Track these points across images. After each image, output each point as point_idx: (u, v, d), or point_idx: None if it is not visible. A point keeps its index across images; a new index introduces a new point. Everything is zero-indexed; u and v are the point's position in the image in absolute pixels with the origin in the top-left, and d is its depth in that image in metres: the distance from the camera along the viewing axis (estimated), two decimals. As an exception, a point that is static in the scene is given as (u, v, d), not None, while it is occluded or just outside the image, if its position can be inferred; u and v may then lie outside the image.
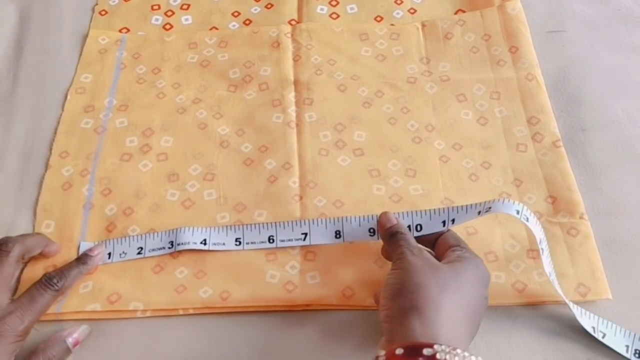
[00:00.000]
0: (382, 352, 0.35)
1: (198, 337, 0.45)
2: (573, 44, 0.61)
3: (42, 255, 0.48)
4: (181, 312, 0.46)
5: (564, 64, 0.60)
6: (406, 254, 0.41)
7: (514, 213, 0.43)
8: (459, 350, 0.34)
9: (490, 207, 0.44)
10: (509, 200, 0.44)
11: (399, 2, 0.65)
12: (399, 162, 0.54)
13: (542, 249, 0.44)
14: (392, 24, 0.63)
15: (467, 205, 0.45)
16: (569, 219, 0.49)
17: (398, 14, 0.65)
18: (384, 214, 0.46)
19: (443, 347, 0.34)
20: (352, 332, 0.45)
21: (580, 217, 0.49)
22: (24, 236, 0.46)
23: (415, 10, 0.65)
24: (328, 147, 0.55)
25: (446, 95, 0.58)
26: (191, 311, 0.46)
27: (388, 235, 0.44)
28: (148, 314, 0.46)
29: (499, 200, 0.44)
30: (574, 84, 0.58)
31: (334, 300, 0.46)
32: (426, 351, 0.34)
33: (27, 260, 0.48)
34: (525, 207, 0.44)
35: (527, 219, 0.43)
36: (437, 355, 0.34)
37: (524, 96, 0.57)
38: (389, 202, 0.51)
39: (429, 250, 0.44)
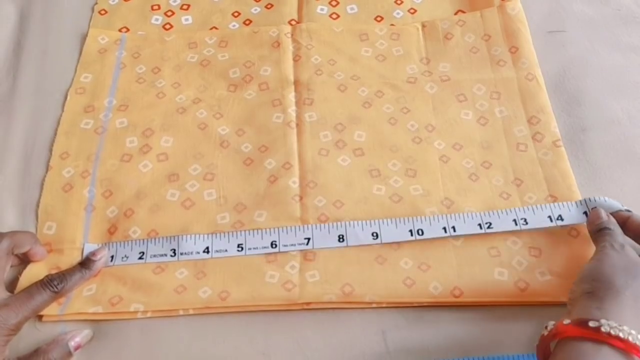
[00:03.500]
0: (552, 322, 0.38)
1: (198, 337, 0.45)
2: (573, 44, 0.61)
3: (27, 256, 0.47)
4: (181, 312, 0.46)
5: (564, 64, 0.60)
6: (607, 247, 0.42)
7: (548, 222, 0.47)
8: (625, 327, 0.35)
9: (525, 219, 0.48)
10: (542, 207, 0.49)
11: (399, 2, 0.65)
12: (399, 162, 0.54)
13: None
14: (392, 24, 0.63)
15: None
16: (569, 220, 0.49)
17: (398, 14, 0.64)
18: (595, 210, 0.47)
19: (610, 322, 0.35)
20: (351, 331, 0.45)
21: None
22: (13, 232, 0.47)
23: (415, 11, 0.65)
24: (328, 147, 0.54)
25: (446, 95, 0.58)
26: (191, 311, 0.46)
27: (595, 230, 0.45)
28: (148, 314, 0.46)
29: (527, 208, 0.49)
30: (574, 84, 0.58)
31: (333, 298, 0.46)
32: (592, 323, 0.36)
33: (22, 258, 0.48)
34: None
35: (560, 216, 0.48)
36: (602, 328, 0.35)
37: (524, 96, 0.57)
38: (389, 202, 0.51)
39: None
